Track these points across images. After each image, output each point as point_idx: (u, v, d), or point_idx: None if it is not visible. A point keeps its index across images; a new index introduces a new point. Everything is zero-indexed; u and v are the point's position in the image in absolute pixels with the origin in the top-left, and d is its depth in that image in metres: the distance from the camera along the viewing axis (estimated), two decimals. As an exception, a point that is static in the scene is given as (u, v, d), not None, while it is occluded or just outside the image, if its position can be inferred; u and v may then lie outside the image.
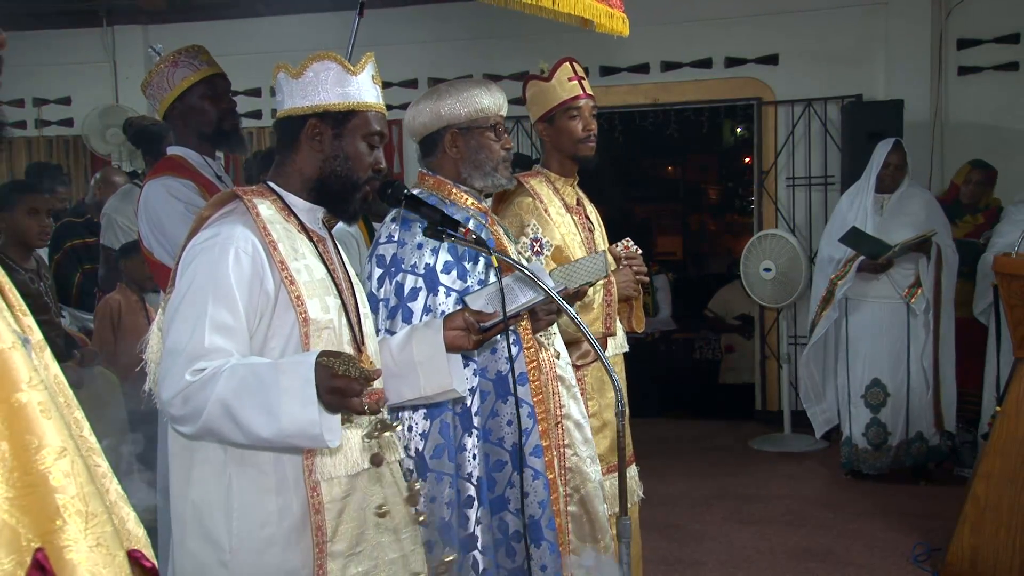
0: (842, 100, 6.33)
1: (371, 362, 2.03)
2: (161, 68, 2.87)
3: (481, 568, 2.37)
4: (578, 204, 3.06)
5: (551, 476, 2.42)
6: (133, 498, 1.27)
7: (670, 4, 6.46)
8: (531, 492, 2.39)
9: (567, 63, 3.00)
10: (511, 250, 2.56)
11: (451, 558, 2.23)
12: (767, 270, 6.13)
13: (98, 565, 1.03)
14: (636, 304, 3.09)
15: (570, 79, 2.98)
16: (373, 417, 1.95)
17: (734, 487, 5.35)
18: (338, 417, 1.77)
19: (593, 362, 2.92)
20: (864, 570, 4.10)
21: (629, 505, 2.31)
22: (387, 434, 1.96)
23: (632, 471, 3.04)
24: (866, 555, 4.25)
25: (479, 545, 2.36)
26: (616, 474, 2.86)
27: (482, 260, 2.42)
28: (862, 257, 5.08)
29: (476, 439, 2.38)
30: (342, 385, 1.70)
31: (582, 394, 2.90)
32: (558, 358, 2.61)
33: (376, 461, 1.97)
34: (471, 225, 2.46)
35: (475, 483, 2.36)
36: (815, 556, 4.26)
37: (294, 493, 1.89)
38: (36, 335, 1.16)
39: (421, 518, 2.12)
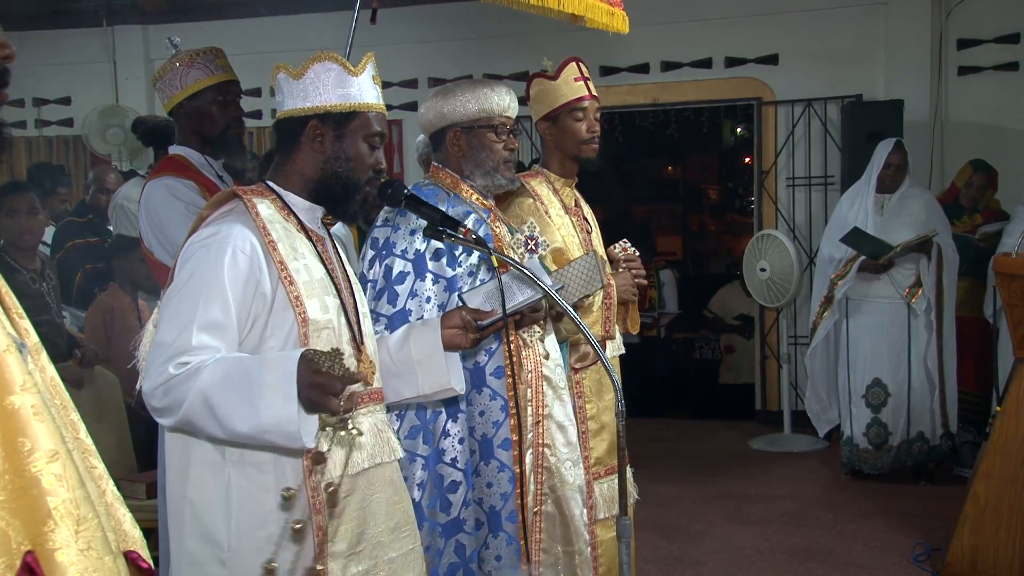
0: (842, 100, 6.32)
1: (370, 361, 2.03)
2: (176, 65, 2.87)
3: (468, 551, 2.39)
4: (576, 205, 3.05)
5: (518, 470, 2.44)
6: (131, 499, 1.27)
7: (670, 4, 6.44)
8: (495, 483, 2.42)
9: (574, 63, 2.96)
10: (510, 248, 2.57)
11: None
12: (763, 270, 6.13)
13: (88, 568, 1.03)
14: (632, 306, 3.08)
15: (576, 79, 2.94)
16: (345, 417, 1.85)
17: (734, 487, 5.35)
18: (315, 419, 1.75)
19: (592, 364, 2.91)
20: (864, 570, 4.10)
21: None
22: (341, 433, 1.85)
23: (627, 472, 3.03)
24: (866, 555, 4.24)
25: (465, 528, 2.39)
26: (614, 476, 2.87)
27: (476, 253, 2.44)
28: (863, 257, 5.08)
29: (462, 425, 2.40)
30: (323, 381, 1.69)
31: (579, 397, 2.89)
32: (547, 358, 2.59)
33: (318, 459, 1.86)
34: (472, 220, 2.49)
35: (461, 468, 2.39)
36: (815, 556, 4.26)
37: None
38: (32, 338, 1.16)
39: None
